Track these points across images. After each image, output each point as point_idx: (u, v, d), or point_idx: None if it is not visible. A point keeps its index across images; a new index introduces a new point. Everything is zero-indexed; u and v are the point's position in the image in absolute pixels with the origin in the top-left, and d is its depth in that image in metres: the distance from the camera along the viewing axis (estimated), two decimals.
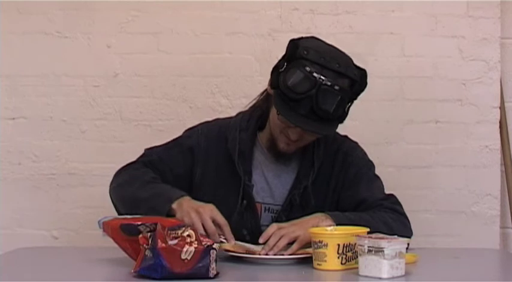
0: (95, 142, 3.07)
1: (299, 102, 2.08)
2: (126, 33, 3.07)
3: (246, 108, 2.37)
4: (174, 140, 2.37)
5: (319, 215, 2.09)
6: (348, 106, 2.15)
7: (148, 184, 2.21)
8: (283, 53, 2.18)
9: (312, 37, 2.23)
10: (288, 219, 2.16)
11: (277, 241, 2.01)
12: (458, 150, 3.09)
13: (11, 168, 3.08)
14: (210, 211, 2.06)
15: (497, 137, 3.09)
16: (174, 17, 3.07)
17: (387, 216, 2.16)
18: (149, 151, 2.37)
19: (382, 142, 3.05)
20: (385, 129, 3.08)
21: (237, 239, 2.11)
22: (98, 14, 3.07)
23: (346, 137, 2.34)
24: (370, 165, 2.32)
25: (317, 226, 2.02)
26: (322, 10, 3.07)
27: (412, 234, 2.18)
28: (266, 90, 2.30)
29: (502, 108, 3.10)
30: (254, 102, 2.35)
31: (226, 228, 2.06)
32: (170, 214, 2.08)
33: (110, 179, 3.08)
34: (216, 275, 1.77)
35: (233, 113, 2.47)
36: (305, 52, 2.11)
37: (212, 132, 2.33)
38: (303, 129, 2.14)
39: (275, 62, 2.21)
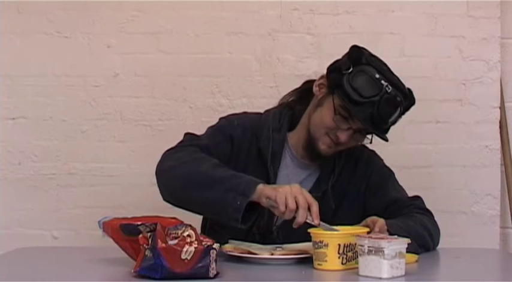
0: (95, 142, 3.07)
1: (360, 106, 2.11)
2: (126, 33, 3.07)
3: (269, 106, 2.37)
4: (213, 127, 2.30)
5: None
6: (399, 119, 2.21)
7: (219, 166, 2.09)
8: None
9: (364, 48, 2.25)
10: None
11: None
12: (458, 150, 3.09)
13: (11, 168, 3.08)
14: (298, 189, 1.97)
15: (497, 137, 3.09)
16: (174, 17, 3.07)
17: (424, 219, 2.22)
18: (193, 136, 2.27)
19: (383, 142, 3.04)
20: None
21: (246, 238, 2.12)
22: (98, 14, 3.07)
23: (364, 145, 2.36)
24: (391, 171, 2.38)
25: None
26: (322, 10, 3.07)
27: (439, 232, 2.28)
28: (297, 89, 2.31)
29: (502, 108, 3.10)
30: (289, 100, 2.35)
31: (315, 208, 1.96)
32: (252, 199, 1.97)
33: (110, 178, 3.09)
34: (216, 275, 1.77)
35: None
36: (371, 59, 2.16)
37: (247, 127, 2.29)
38: (355, 133, 2.17)
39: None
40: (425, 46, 3.09)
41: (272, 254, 1.99)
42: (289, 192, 1.94)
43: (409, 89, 2.23)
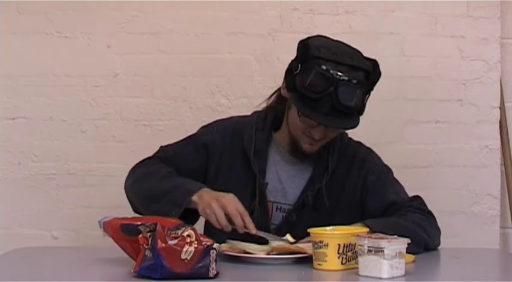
0: (95, 142, 3.07)
1: (319, 101, 2.10)
2: (126, 33, 3.07)
3: (259, 108, 2.37)
4: (189, 137, 2.36)
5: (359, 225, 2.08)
6: (366, 98, 2.17)
7: (166, 178, 2.21)
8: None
9: (319, 36, 2.25)
10: (298, 219, 2.17)
11: None
12: (458, 150, 3.09)
13: (11, 168, 3.08)
14: (231, 200, 2.08)
15: (497, 137, 3.09)
16: (174, 17, 3.07)
17: (417, 218, 2.20)
18: (164, 148, 2.36)
19: (383, 142, 3.04)
20: (385, 129, 3.08)
21: (245, 237, 2.12)
22: (98, 14, 3.07)
23: (360, 143, 2.36)
24: (389, 169, 2.36)
25: None
26: (322, 10, 3.07)
27: (440, 231, 2.25)
28: (277, 91, 2.31)
29: (502, 108, 3.10)
30: (270, 102, 2.35)
31: (247, 218, 2.07)
32: (189, 207, 2.09)
33: (110, 178, 3.09)
34: (216, 275, 1.77)
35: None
36: (317, 51, 2.13)
37: (227, 130, 2.32)
38: (327, 127, 2.16)
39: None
40: (425, 46, 3.09)
41: (268, 254, 1.99)
42: (217, 209, 2.05)
43: (373, 63, 2.18)
